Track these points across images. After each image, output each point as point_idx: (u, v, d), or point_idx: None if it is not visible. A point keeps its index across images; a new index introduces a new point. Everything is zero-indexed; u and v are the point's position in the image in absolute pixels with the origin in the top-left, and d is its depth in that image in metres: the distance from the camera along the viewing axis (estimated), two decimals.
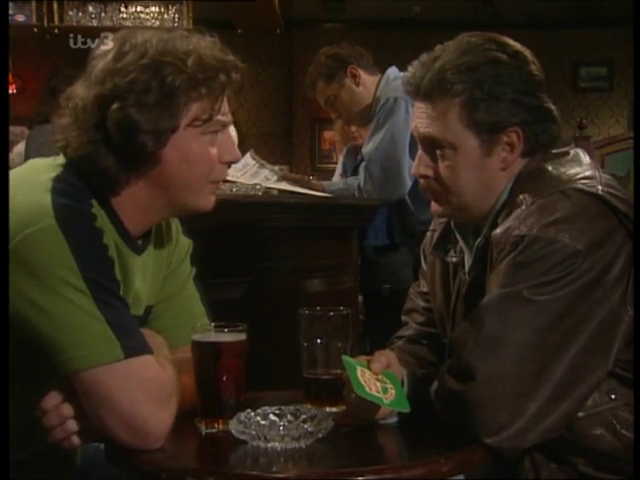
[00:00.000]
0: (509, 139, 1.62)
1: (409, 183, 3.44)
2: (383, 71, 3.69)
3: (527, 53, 1.67)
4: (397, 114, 3.48)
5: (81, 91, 1.48)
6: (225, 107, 1.52)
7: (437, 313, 1.81)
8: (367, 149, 3.55)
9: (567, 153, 1.65)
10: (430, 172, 1.66)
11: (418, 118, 1.67)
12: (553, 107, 1.66)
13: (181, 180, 1.51)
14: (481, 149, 1.62)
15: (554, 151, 1.65)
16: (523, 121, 1.61)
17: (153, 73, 1.45)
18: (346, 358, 1.50)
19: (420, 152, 1.68)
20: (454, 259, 1.75)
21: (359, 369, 1.48)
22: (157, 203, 1.53)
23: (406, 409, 1.49)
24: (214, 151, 1.52)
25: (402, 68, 3.81)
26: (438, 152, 1.64)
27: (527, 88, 1.63)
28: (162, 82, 1.45)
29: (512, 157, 1.63)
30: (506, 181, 1.64)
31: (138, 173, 1.49)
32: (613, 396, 1.53)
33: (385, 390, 1.48)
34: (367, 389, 1.45)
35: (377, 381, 1.48)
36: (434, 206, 1.71)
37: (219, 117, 1.51)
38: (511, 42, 1.67)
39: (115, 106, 1.44)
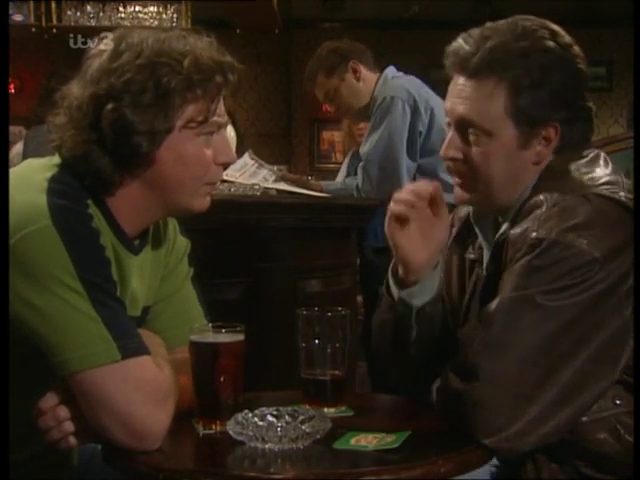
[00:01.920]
0: (547, 133, 1.59)
1: (407, 183, 3.44)
2: (381, 71, 3.69)
3: (577, 47, 1.63)
4: (394, 113, 3.48)
5: (76, 90, 1.48)
6: (221, 108, 1.52)
7: (450, 308, 1.79)
8: (365, 149, 3.55)
9: (590, 155, 1.62)
10: (460, 155, 1.62)
11: (456, 97, 1.61)
12: (593, 107, 1.64)
13: (176, 181, 1.50)
14: (518, 140, 1.58)
15: (578, 153, 1.62)
16: (562, 118, 1.58)
17: (149, 74, 1.44)
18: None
19: (452, 133, 1.63)
20: (472, 255, 1.73)
21: (354, 439, 1.42)
22: (152, 204, 1.52)
23: (392, 444, 1.40)
24: (209, 152, 1.51)
25: (401, 67, 3.82)
26: (472, 137, 1.59)
27: (573, 83, 1.60)
28: (158, 83, 1.44)
29: (547, 152, 1.60)
30: (535, 175, 1.60)
31: (132, 174, 1.48)
32: (618, 402, 1.51)
33: (381, 439, 1.42)
34: (353, 442, 1.40)
35: (375, 438, 1.42)
36: (458, 192, 1.66)
37: (215, 118, 1.50)
38: (562, 32, 1.63)
39: (110, 106, 1.43)
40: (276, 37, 7.67)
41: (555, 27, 1.64)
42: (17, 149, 4.25)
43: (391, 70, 3.69)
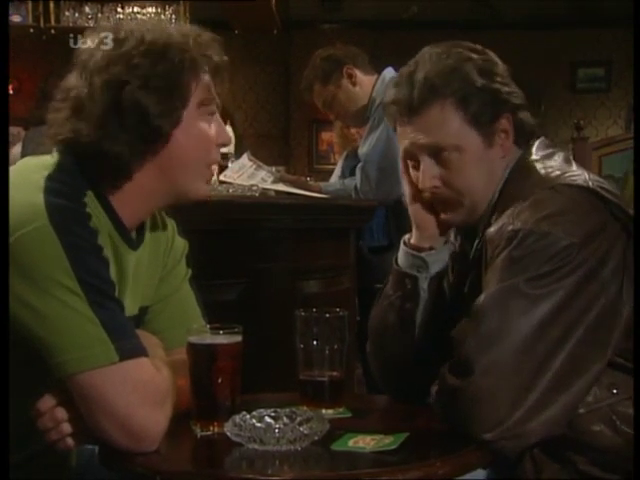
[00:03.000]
0: (503, 126, 1.67)
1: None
2: (380, 72, 3.69)
3: (489, 50, 1.73)
4: None
5: (80, 82, 1.48)
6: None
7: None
8: (363, 150, 3.56)
9: (554, 153, 1.69)
10: (438, 182, 1.68)
11: (412, 133, 1.67)
12: (522, 93, 1.72)
13: (185, 161, 1.52)
14: (484, 142, 1.66)
15: (542, 153, 1.69)
16: (511, 107, 1.68)
17: (158, 56, 1.46)
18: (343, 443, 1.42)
19: (422, 166, 1.68)
20: (452, 247, 1.78)
21: (352, 440, 1.42)
22: (158, 190, 1.53)
23: (390, 446, 1.41)
24: (213, 132, 1.55)
25: (399, 69, 3.81)
26: (443, 158, 1.65)
27: (503, 79, 1.69)
28: (169, 64, 1.46)
29: (508, 143, 1.68)
30: (502, 171, 1.68)
31: (148, 157, 1.49)
32: (614, 391, 1.52)
33: (379, 441, 1.41)
34: (351, 444, 1.40)
35: (373, 440, 1.41)
36: (444, 217, 1.72)
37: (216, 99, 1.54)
38: (472, 44, 1.72)
39: (126, 89, 1.44)
40: (275, 38, 7.66)
41: (464, 42, 1.72)
42: (15, 150, 4.23)
43: (389, 71, 3.69)
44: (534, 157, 1.68)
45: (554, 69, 8.32)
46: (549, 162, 1.65)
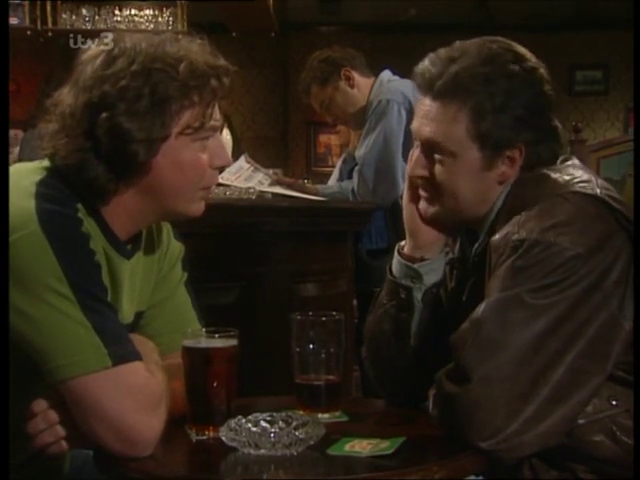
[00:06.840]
0: (511, 154, 1.61)
1: (403, 185, 3.43)
2: (377, 74, 3.69)
3: (543, 69, 1.66)
4: (389, 116, 3.48)
5: (69, 97, 1.46)
6: (216, 112, 1.50)
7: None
8: (360, 152, 3.56)
9: (562, 160, 1.65)
10: (426, 173, 1.65)
11: (422, 118, 1.64)
12: (559, 125, 1.66)
13: (172, 188, 1.49)
14: (482, 162, 1.61)
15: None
16: (527, 140, 1.61)
17: (144, 80, 1.42)
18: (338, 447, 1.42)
19: (418, 152, 1.66)
20: (450, 255, 1.75)
21: (348, 445, 1.41)
22: (146, 210, 1.51)
23: (387, 451, 1.40)
24: (205, 157, 1.50)
25: (397, 71, 3.82)
26: (437, 157, 1.62)
27: (536, 106, 1.62)
28: (153, 90, 1.42)
29: (511, 171, 1.62)
30: (501, 191, 1.63)
31: (128, 182, 1.47)
32: (614, 402, 1.51)
33: (375, 445, 1.41)
34: (347, 448, 1.39)
35: (369, 444, 1.41)
36: (424, 206, 1.69)
37: (211, 123, 1.49)
38: (529, 55, 1.66)
39: (105, 114, 1.41)
40: (272, 40, 7.66)
41: (521, 50, 1.66)
42: (14, 152, 4.22)
43: (387, 74, 3.69)
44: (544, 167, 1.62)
45: (552, 71, 8.31)
46: (557, 169, 1.61)
